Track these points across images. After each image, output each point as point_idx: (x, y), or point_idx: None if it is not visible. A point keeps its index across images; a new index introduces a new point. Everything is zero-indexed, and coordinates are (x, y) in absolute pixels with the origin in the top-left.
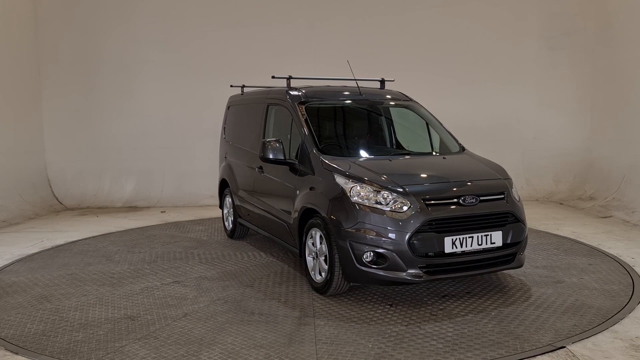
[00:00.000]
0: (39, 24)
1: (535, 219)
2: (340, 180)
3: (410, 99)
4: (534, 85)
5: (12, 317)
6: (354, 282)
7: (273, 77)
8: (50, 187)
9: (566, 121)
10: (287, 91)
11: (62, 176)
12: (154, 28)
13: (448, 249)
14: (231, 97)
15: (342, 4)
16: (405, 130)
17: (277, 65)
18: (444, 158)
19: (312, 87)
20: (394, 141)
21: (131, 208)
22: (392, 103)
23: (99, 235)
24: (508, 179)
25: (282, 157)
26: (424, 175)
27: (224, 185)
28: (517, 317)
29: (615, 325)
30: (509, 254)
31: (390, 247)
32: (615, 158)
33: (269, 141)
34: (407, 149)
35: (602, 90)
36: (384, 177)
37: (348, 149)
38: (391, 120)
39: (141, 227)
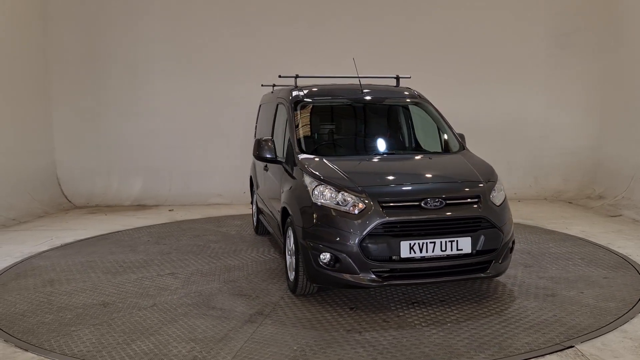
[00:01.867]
0: (47, 24)
1: (544, 218)
2: (307, 180)
3: (418, 97)
4: (542, 84)
5: (11, 297)
6: (314, 283)
7: (280, 76)
8: (60, 185)
9: (575, 120)
10: (289, 90)
11: (71, 175)
12: (162, 27)
13: (405, 253)
14: (263, 96)
15: (352, 3)
16: (404, 129)
17: (288, 64)
18: (429, 158)
19: (318, 85)
20: (387, 140)
21: (139, 206)
22: (395, 101)
23: (144, 227)
24: (490, 181)
25: (272, 156)
26: (391, 177)
27: (251, 183)
28: (469, 331)
29: (624, 325)
30: (482, 262)
31: (343, 249)
32: (625, 156)
33: (260, 140)
34: (398, 148)
35: (610, 88)
36: (348, 178)
37: (334, 149)
38: (390, 118)
39: (188, 220)
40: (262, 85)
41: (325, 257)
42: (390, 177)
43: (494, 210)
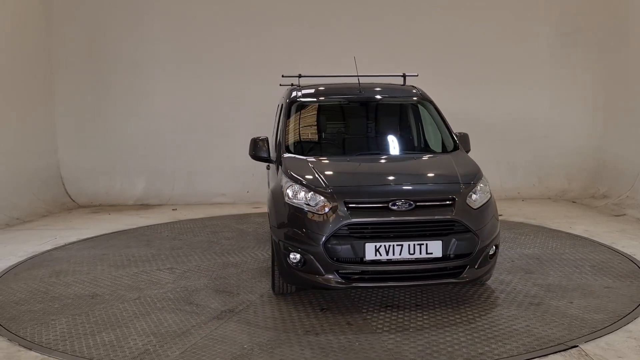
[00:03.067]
0: (51, 24)
1: (547, 217)
2: (283, 179)
3: (419, 96)
4: (546, 83)
5: (15, 286)
6: (286, 282)
7: (283, 75)
8: (63, 185)
9: (579, 119)
10: (290, 90)
11: (74, 174)
12: (166, 27)
13: (370, 256)
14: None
15: (355, 3)
16: (398, 128)
17: (293, 64)
18: (414, 159)
19: (319, 85)
20: (377, 140)
21: (143, 206)
22: (393, 100)
23: (169, 222)
24: (470, 183)
25: (266, 155)
26: (365, 178)
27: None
28: (427, 338)
29: (629, 325)
30: (455, 267)
31: (309, 250)
32: (629, 156)
33: (256, 139)
34: (386, 147)
35: (615, 87)
36: (320, 178)
37: (321, 148)
38: (386, 118)
39: (216, 217)
40: (280, 85)
41: (295, 257)
42: (364, 178)
43: (470, 214)
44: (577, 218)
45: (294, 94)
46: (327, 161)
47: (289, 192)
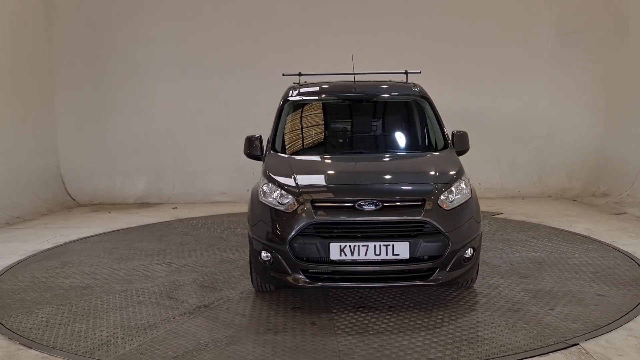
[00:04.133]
0: (51, 24)
1: (548, 215)
2: (261, 178)
3: (416, 93)
4: (547, 82)
5: (22, 275)
6: (260, 280)
7: (284, 74)
8: (63, 183)
9: (580, 118)
10: (288, 88)
11: (74, 173)
12: (166, 27)
13: (335, 256)
14: None
15: (356, 3)
16: (389, 127)
17: (293, 63)
18: (396, 158)
19: (318, 83)
20: (363, 139)
21: (143, 204)
22: (388, 98)
23: (188, 218)
24: (446, 184)
25: (258, 154)
26: (337, 177)
27: None
28: (382, 341)
29: (629, 323)
30: (423, 269)
31: (276, 248)
32: (630, 154)
33: (251, 138)
34: (372, 146)
35: (616, 86)
36: (293, 177)
37: (305, 147)
38: (378, 116)
39: (236, 213)
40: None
41: (267, 255)
42: (335, 178)
43: (441, 215)
44: (577, 216)
45: (289, 92)
46: (307, 160)
47: (263, 190)
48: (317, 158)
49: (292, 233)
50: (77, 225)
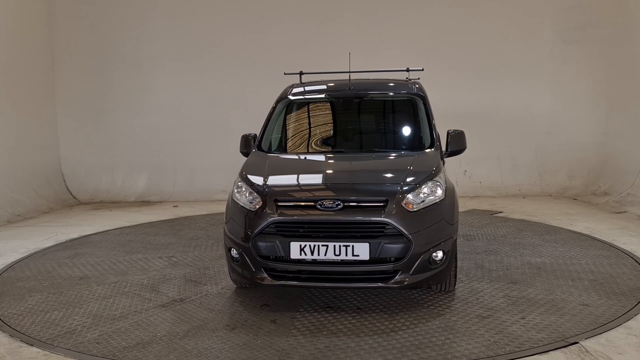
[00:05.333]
0: (53, 21)
1: (548, 214)
2: (237, 176)
3: (410, 91)
4: (548, 80)
5: (32, 265)
6: (233, 277)
7: (285, 73)
8: (64, 181)
9: (581, 116)
10: (288, 87)
11: (75, 171)
12: (167, 24)
13: (295, 255)
14: None
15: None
16: (377, 126)
17: (295, 61)
18: (372, 158)
19: (315, 82)
20: (347, 139)
21: (144, 202)
22: (381, 97)
23: (209, 214)
24: (413, 185)
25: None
26: (302, 177)
27: None
28: (333, 341)
29: (629, 322)
30: (384, 271)
31: (241, 246)
32: (630, 153)
33: (247, 136)
34: (353, 146)
35: (617, 84)
36: (263, 176)
37: (287, 146)
38: (368, 115)
39: None
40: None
41: (235, 253)
42: (303, 177)
43: (405, 216)
44: (578, 215)
45: (283, 92)
46: (285, 159)
47: (235, 189)
48: (296, 157)
49: (255, 231)
50: (78, 223)
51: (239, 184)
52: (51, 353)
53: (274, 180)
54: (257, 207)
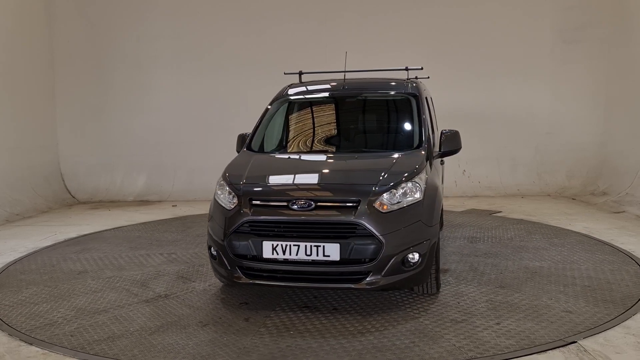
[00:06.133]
0: (52, 20)
1: (547, 214)
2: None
3: (405, 90)
4: (548, 80)
5: (39, 258)
6: (215, 274)
7: (285, 73)
8: (63, 181)
9: (580, 116)
10: (285, 87)
11: (74, 170)
12: (167, 24)
13: (267, 254)
14: None
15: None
16: (367, 125)
17: (295, 61)
18: (354, 158)
19: (311, 82)
20: (333, 139)
21: (142, 202)
22: (375, 96)
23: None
24: (387, 185)
25: None
26: (278, 176)
27: None
28: (296, 342)
29: (627, 321)
30: (355, 272)
31: (218, 244)
32: (629, 153)
33: (244, 135)
34: (339, 146)
35: (616, 84)
36: (243, 175)
37: (274, 145)
38: (359, 115)
39: None
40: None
41: (214, 251)
42: (279, 177)
43: (376, 217)
44: (576, 215)
45: (281, 91)
46: (268, 158)
47: (217, 187)
48: (280, 157)
49: (230, 230)
50: (77, 222)
51: (221, 183)
52: (50, 352)
53: (251, 180)
54: (234, 206)
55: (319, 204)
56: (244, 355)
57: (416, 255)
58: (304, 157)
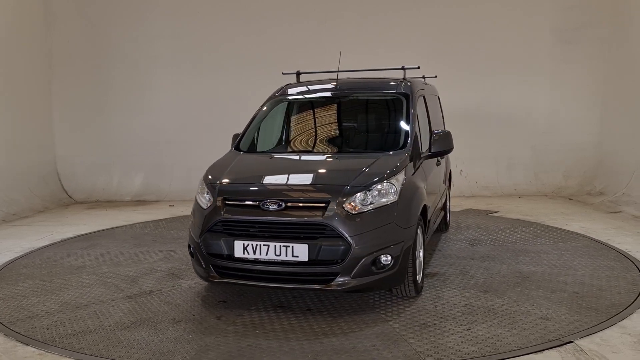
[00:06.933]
0: (50, 20)
1: (544, 214)
2: None
3: (397, 90)
4: (546, 80)
5: (46, 254)
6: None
7: (283, 73)
8: (60, 181)
9: (578, 116)
10: (280, 87)
11: (71, 170)
12: (165, 24)
13: (238, 253)
14: None
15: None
16: (354, 126)
17: (291, 60)
18: (336, 159)
19: (307, 82)
20: (321, 138)
21: (140, 202)
22: (367, 97)
23: None
24: (360, 186)
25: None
26: (253, 177)
27: None
28: (257, 342)
29: (623, 321)
30: (324, 273)
31: (193, 242)
32: (626, 153)
33: (236, 135)
34: (321, 146)
35: (614, 85)
36: (221, 175)
37: (261, 147)
38: (349, 115)
39: None
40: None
41: (192, 250)
42: (253, 177)
43: (345, 218)
44: (573, 215)
45: (276, 92)
46: (251, 159)
47: (199, 187)
48: (263, 157)
49: (204, 229)
50: (74, 222)
51: (201, 182)
52: (47, 352)
53: (228, 180)
54: (209, 205)
55: (289, 204)
56: (202, 353)
57: (387, 258)
58: (286, 157)
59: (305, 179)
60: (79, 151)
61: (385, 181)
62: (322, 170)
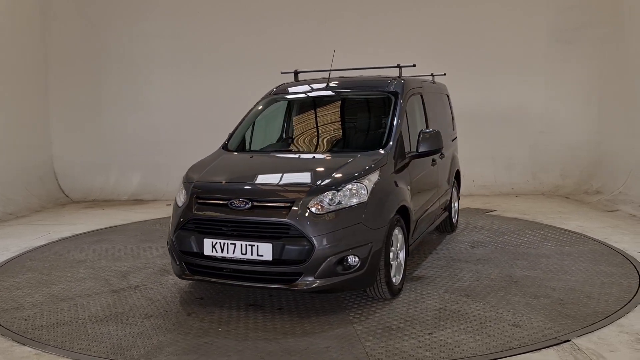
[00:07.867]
0: (47, 19)
1: (541, 213)
2: None
3: (388, 89)
4: (543, 79)
5: (55, 248)
6: None
7: (282, 72)
8: (57, 180)
9: (574, 115)
10: (274, 87)
11: (68, 169)
12: (162, 23)
13: (207, 251)
14: None
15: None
16: (339, 125)
17: (290, 60)
18: (313, 157)
19: (302, 81)
20: (304, 138)
21: (137, 201)
22: (357, 95)
23: None
24: (328, 186)
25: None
26: (225, 176)
27: None
28: (217, 340)
29: (620, 319)
30: (287, 273)
31: (169, 240)
32: (623, 152)
33: (230, 134)
34: (302, 146)
35: (610, 84)
36: (199, 173)
37: (246, 146)
38: (338, 114)
39: None
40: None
41: (168, 247)
42: (226, 176)
43: (308, 218)
44: (570, 214)
45: (269, 92)
46: (232, 158)
47: (179, 185)
48: (242, 156)
49: (177, 227)
50: (71, 221)
51: (182, 181)
52: (43, 352)
53: (203, 179)
54: (183, 203)
55: (255, 203)
56: (158, 349)
57: (354, 258)
58: (264, 157)
59: (274, 178)
60: (77, 150)
61: (355, 181)
62: (293, 170)
